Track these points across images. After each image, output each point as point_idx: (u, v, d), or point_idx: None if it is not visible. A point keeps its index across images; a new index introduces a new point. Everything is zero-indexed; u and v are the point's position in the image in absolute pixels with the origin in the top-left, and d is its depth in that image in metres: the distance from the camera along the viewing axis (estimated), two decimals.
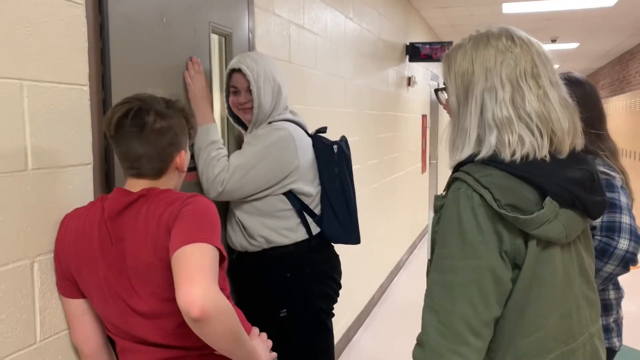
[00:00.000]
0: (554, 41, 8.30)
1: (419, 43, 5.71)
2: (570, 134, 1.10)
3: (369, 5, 4.28)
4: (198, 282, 1.08)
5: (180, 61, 1.86)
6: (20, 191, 1.24)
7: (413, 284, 5.22)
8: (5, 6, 1.20)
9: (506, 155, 1.05)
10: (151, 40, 1.70)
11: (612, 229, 1.49)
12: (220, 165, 1.86)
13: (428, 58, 5.67)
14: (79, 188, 1.43)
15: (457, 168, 1.12)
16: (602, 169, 1.57)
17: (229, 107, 2.04)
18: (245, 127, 2.06)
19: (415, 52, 5.66)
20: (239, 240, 2.03)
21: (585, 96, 1.66)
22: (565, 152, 1.09)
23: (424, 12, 6.47)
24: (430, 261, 1.12)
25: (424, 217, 7.18)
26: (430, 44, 5.67)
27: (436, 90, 1.27)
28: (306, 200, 2.02)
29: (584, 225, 1.11)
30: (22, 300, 1.26)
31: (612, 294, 1.70)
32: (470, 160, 1.09)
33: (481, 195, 1.01)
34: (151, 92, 1.47)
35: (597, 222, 1.52)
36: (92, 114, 1.47)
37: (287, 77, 2.36)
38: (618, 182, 1.56)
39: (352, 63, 3.82)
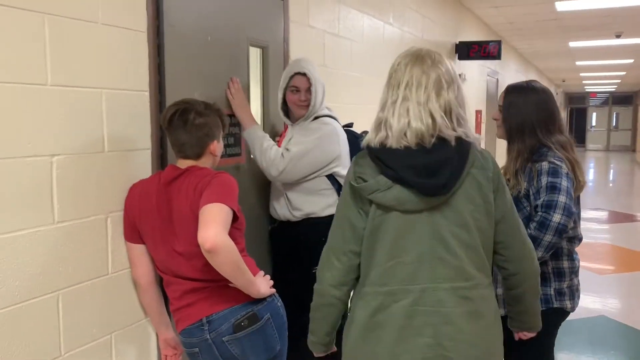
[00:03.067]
0: (618, 36, 8.18)
1: (467, 42, 5.96)
2: (419, 132, 1.42)
3: (412, 9, 4.63)
4: (212, 227, 1.57)
5: (221, 72, 2.36)
6: (98, 166, 1.78)
7: None
8: (90, 34, 1.73)
9: (373, 144, 1.48)
10: (198, 55, 2.21)
11: (550, 206, 1.82)
12: (273, 153, 2.35)
13: (476, 56, 5.92)
14: (142, 165, 1.96)
15: None
16: (550, 159, 1.90)
17: (283, 102, 2.50)
18: (289, 119, 2.53)
19: (464, 51, 5.92)
20: (283, 212, 2.52)
21: (540, 102, 2.00)
22: (428, 144, 1.41)
23: (478, 11, 6.68)
24: None
25: None
26: (478, 42, 5.91)
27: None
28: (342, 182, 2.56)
29: (428, 201, 1.41)
30: (100, 243, 1.80)
31: (565, 264, 2.02)
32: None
33: (352, 172, 1.51)
34: (197, 96, 1.99)
35: (540, 201, 1.85)
36: (151, 112, 2.00)
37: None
38: (564, 169, 1.88)
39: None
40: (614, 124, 26.08)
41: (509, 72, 10.06)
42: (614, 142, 25.84)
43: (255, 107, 2.63)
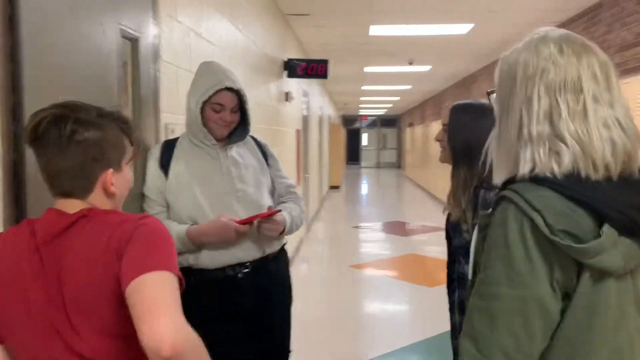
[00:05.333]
0: (410, 63, 8.95)
1: (295, 59, 5.79)
2: (621, 156, 0.97)
3: (255, 18, 4.25)
4: (164, 317, 0.96)
5: (96, 64, 1.66)
6: None
7: None
8: None
9: (549, 173, 0.96)
10: (64, 38, 1.50)
11: None
12: (300, 212, 2.17)
13: (304, 75, 5.78)
14: None
15: (504, 185, 1.03)
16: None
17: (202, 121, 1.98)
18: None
19: (292, 69, 5.73)
20: (261, 247, 2.02)
21: (489, 124, 1.80)
22: (619, 173, 0.97)
23: (298, 30, 6.59)
24: (472, 282, 1.05)
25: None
26: (306, 61, 5.78)
27: (489, 93, 1.20)
28: None
29: None
30: None
31: None
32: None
33: (532, 219, 0.92)
34: (80, 100, 1.29)
35: None
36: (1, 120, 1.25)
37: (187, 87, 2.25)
38: None
39: (242, 75, 3.74)
40: (382, 144, 29.15)
41: (314, 95, 10.30)
42: (383, 160, 28.90)
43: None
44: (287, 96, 5.96)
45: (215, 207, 1.94)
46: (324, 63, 5.77)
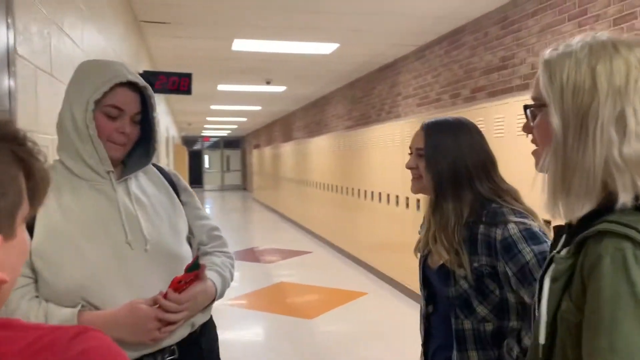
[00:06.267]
0: (268, 83, 8.66)
1: (153, 72, 5.12)
2: None
3: (112, 22, 3.56)
4: None
5: None
6: None
7: None
8: None
9: None
10: None
11: None
12: (231, 266, 1.63)
13: (164, 90, 5.12)
14: None
15: (588, 218, 0.85)
16: (511, 217, 1.41)
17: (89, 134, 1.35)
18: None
19: (150, 82, 5.03)
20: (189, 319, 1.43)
21: (475, 141, 1.53)
22: None
23: (151, 40, 5.90)
24: (546, 348, 0.87)
25: None
26: (166, 74, 5.14)
27: (527, 107, 0.97)
28: None
29: None
30: None
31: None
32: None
33: None
34: None
35: None
36: None
37: (48, 95, 1.63)
38: (535, 226, 1.41)
39: None
40: (226, 166, 28.52)
41: (162, 114, 9.46)
42: (227, 182, 28.24)
43: None
44: None
45: (116, 271, 1.33)
46: (186, 77, 5.16)
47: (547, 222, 1.46)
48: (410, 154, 1.60)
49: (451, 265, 1.44)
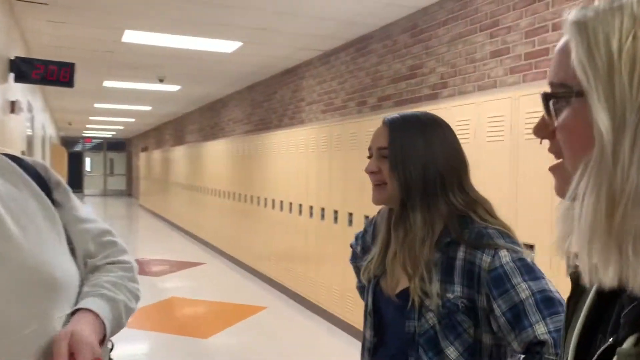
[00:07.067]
0: (161, 81, 8.06)
1: (28, 59, 4.43)
2: None
3: None
4: None
5: None
6: None
7: None
8: None
9: None
10: None
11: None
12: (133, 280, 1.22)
13: (42, 80, 4.46)
14: None
15: None
16: (499, 240, 1.15)
17: None
18: None
19: (23, 71, 4.36)
20: None
21: (448, 142, 1.27)
22: None
23: (27, 23, 5.15)
24: None
25: None
26: (45, 62, 4.48)
27: (548, 96, 0.61)
28: None
29: None
30: None
31: None
32: None
33: None
34: None
35: (541, 330, 1.05)
36: None
37: None
38: (527, 257, 1.16)
39: None
40: (109, 170, 26.72)
41: (38, 111, 8.47)
42: (110, 187, 26.45)
43: None
44: (14, 106, 4.52)
45: None
46: (68, 67, 4.53)
47: (529, 247, 1.23)
48: (370, 156, 1.32)
49: (414, 293, 1.18)
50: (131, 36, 5.54)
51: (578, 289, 0.69)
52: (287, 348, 4.61)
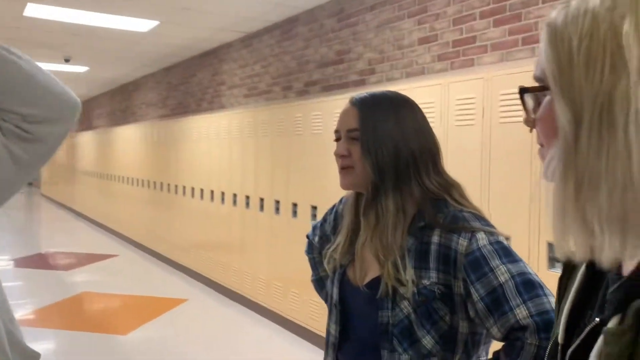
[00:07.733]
0: (67, 61, 7.47)
1: None
2: None
3: None
4: None
5: None
6: None
7: None
8: None
9: None
10: None
11: (548, 323, 1.04)
12: None
13: None
14: None
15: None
16: (475, 223, 1.10)
17: None
18: None
19: None
20: None
21: (418, 121, 1.20)
22: None
23: None
24: None
25: None
26: None
27: (524, 90, 0.66)
28: None
29: None
30: None
31: None
32: None
33: None
34: None
35: (523, 314, 1.01)
36: None
37: None
38: (503, 238, 1.12)
39: None
40: None
41: None
42: None
43: None
44: None
45: None
46: None
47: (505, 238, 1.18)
48: (338, 139, 1.22)
49: (388, 281, 1.11)
50: (34, 10, 5.05)
51: (568, 267, 0.73)
52: (211, 339, 4.45)
